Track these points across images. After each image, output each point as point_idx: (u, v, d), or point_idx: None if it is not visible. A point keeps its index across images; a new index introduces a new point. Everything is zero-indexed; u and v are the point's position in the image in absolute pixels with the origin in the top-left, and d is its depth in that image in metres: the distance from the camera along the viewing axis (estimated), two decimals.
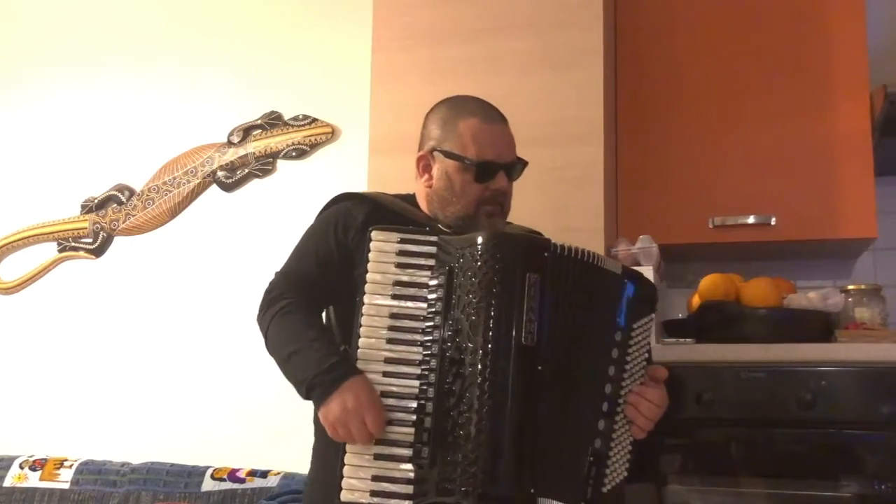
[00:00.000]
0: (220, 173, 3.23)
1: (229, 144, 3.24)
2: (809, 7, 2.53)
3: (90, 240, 3.36)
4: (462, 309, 1.49)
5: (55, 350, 3.32)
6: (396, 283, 1.53)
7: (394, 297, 1.52)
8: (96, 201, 3.37)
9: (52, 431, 3.24)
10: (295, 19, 3.26)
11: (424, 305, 1.52)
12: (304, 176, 3.14)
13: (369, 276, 1.53)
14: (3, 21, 3.65)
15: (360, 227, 1.69)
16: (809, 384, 2.05)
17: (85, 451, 3.10)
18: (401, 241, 1.55)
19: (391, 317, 1.52)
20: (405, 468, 1.48)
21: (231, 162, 3.22)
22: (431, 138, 1.80)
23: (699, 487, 2.15)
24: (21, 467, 3.02)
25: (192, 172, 3.26)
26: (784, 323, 2.23)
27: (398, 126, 2.42)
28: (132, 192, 3.34)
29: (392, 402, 1.50)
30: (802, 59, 2.51)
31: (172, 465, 2.89)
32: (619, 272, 1.62)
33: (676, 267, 2.70)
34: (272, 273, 1.78)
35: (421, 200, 1.83)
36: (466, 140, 1.74)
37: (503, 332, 1.48)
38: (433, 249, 1.54)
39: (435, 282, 1.52)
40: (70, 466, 2.98)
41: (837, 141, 2.44)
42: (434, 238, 1.55)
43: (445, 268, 1.52)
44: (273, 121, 3.20)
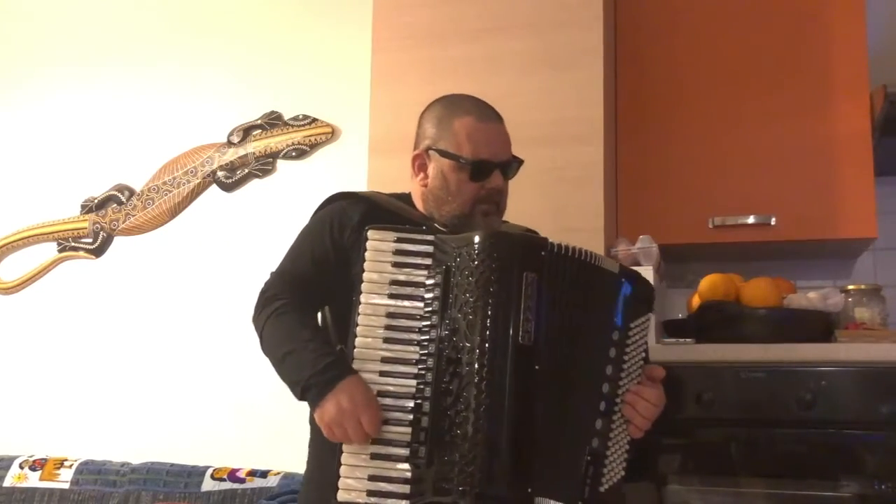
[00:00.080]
0: (220, 173, 3.22)
1: (229, 144, 3.24)
2: (809, 7, 2.53)
3: (90, 240, 3.36)
4: (459, 308, 1.49)
5: (55, 350, 3.32)
6: (393, 283, 1.53)
7: (390, 297, 1.52)
8: (96, 201, 3.37)
9: (52, 431, 3.24)
10: (295, 19, 3.26)
11: (421, 305, 1.51)
12: (304, 176, 3.14)
13: (366, 276, 1.53)
14: (3, 21, 3.65)
15: (356, 227, 1.68)
16: (809, 384, 2.05)
17: (85, 451, 3.10)
18: (397, 241, 1.54)
19: (388, 316, 1.52)
20: (402, 468, 1.47)
21: (231, 162, 3.22)
22: (427, 137, 1.79)
23: (699, 487, 2.14)
24: (21, 467, 3.02)
25: (192, 172, 3.26)
26: (784, 323, 2.23)
27: (398, 126, 2.41)
28: (132, 192, 3.34)
29: (389, 402, 1.49)
30: (802, 59, 2.51)
31: (172, 465, 2.89)
32: (617, 271, 1.62)
33: (676, 267, 2.69)
34: (270, 273, 1.77)
35: (416, 199, 1.82)
36: (462, 139, 1.73)
37: (500, 332, 1.47)
38: (430, 248, 1.54)
39: (432, 281, 1.52)
40: (70, 466, 2.98)
41: (837, 141, 2.44)
42: (430, 237, 1.55)
43: (442, 267, 1.51)
44: (273, 121, 3.20)
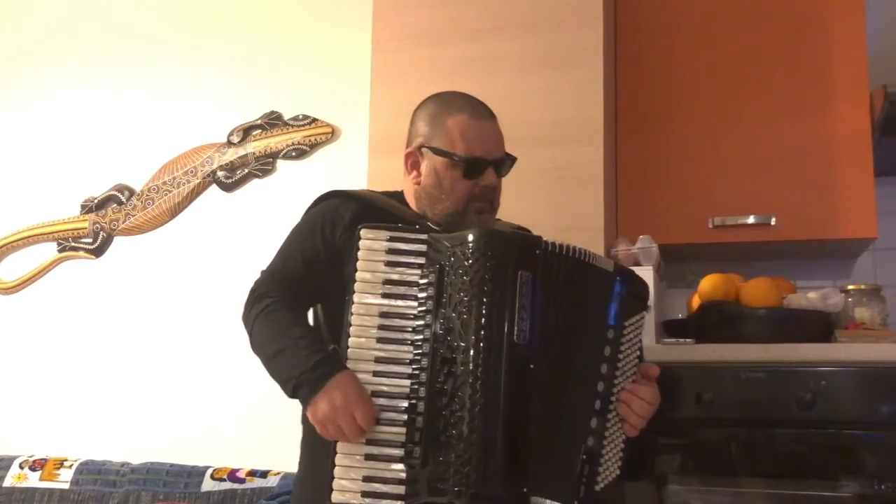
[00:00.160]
0: (220, 173, 3.22)
1: (229, 144, 3.24)
2: (809, 7, 2.52)
3: (90, 240, 3.36)
4: (453, 307, 1.48)
5: (55, 350, 3.32)
6: (386, 282, 1.52)
7: (384, 296, 1.51)
8: (96, 201, 3.37)
9: (52, 431, 3.24)
10: (295, 19, 3.26)
11: (415, 304, 1.51)
12: (304, 176, 3.13)
13: (358, 275, 1.52)
14: (3, 21, 3.66)
15: (348, 226, 1.67)
16: (809, 384, 2.04)
17: (85, 451, 3.10)
18: (390, 240, 1.53)
19: (381, 316, 1.51)
20: (397, 468, 1.46)
21: (231, 162, 3.22)
22: (419, 135, 1.79)
23: (699, 487, 2.14)
24: (21, 467, 3.02)
25: (192, 172, 3.26)
26: (784, 323, 2.22)
27: (398, 126, 2.38)
28: (132, 192, 3.34)
29: (383, 402, 1.48)
30: (802, 59, 2.50)
31: (172, 466, 2.89)
32: (611, 270, 1.62)
33: (676, 267, 2.69)
34: (261, 272, 1.77)
35: (409, 198, 1.82)
36: (455, 136, 1.73)
37: (495, 331, 1.46)
38: (423, 247, 1.53)
39: (425, 280, 1.51)
40: (70, 466, 2.98)
41: (837, 141, 2.43)
42: (424, 236, 1.54)
43: (436, 266, 1.51)
44: (273, 121, 3.20)
